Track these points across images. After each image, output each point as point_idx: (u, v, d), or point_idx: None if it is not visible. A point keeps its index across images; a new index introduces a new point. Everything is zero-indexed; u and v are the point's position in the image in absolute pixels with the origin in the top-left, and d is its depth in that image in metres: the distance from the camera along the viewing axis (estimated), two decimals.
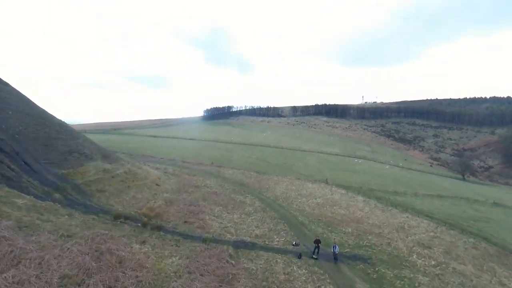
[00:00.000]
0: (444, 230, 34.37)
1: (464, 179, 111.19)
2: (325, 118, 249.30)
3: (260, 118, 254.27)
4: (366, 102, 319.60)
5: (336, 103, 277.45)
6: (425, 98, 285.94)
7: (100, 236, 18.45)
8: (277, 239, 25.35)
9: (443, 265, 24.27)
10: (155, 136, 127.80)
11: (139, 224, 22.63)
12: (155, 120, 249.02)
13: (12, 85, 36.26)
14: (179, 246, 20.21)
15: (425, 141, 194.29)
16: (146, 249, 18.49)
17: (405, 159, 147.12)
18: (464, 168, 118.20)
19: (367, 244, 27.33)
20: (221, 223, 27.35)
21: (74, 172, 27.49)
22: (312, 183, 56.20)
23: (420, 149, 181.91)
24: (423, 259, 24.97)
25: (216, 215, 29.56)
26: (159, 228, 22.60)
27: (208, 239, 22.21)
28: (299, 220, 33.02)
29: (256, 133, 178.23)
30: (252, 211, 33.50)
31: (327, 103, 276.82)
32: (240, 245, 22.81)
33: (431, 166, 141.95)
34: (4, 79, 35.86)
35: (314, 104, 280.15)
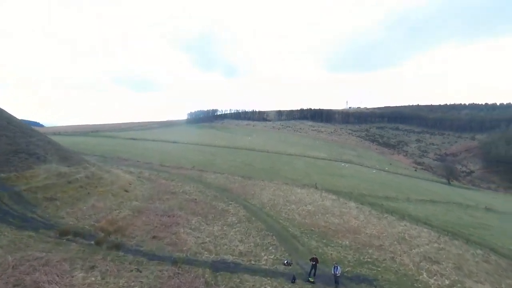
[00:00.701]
0: (448, 241, 31.25)
1: (449, 183, 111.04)
2: (310, 122, 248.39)
3: (245, 122, 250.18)
4: (350, 107, 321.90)
5: (321, 108, 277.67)
6: (407, 104, 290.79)
7: (30, 262, 13.75)
8: (265, 257, 21.16)
9: (459, 285, 20.83)
10: (135, 139, 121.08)
11: (92, 242, 17.95)
12: (138, 123, 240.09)
13: None
14: (140, 272, 15.70)
15: (409, 146, 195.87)
16: (93, 279, 13.90)
17: (390, 164, 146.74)
18: (449, 172, 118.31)
19: (368, 259, 23.60)
20: (198, 237, 22.92)
21: (17, 176, 22.38)
22: (301, 188, 52.48)
23: (404, 153, 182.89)
24: (434, 277, 21.46)
25: (193, 227, 25.09)
26: (117, 246, 17.98)
27: (180, 260, 17.80)
28: (289, 231, 28.99)
29: (241, 136, 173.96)
30: (236, 222, 29.20)
31: (312, 108, 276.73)
32: (220, 266, 18.49)
33: (415, 170, 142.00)
34: None
35: (299, 108, 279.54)
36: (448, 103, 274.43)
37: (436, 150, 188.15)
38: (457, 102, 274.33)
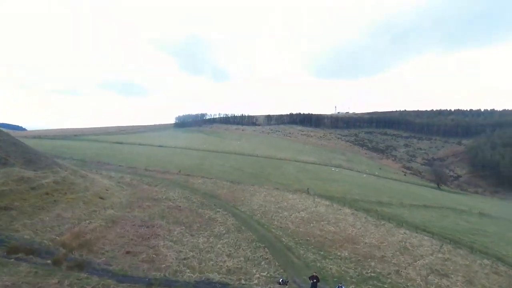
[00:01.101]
0: (452, 250, 29.25)
1: (439, 188, 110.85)
2: (299, 127, 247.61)
3: (235, 126, 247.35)
4: (339, 112, 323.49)
5: (310, 113, 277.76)
6: (395, 110, 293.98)
7: None
8: (257, 274, 18.41)
9: None
10: (121, 143, 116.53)
11: (49, 261, 14.86)
12: (124, 127, 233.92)
13: None
14: None
15: (397, 151, 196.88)
16: None
17: (380, 168, 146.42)
18: (438, 177, 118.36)
19: (372, 274, 21.17)
20: (180, 252, 20.01)
21: None
22: (292, 194, 50.04)
23: (393, 158, 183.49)
24: None
25: (174, 239, 22.15)
26: (80, 266, 14.93)
27: (156, 282, 14.90)
28: (283, 242, 26.36)
29: (230, 141, 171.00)
30: (224, 232, 26.38)
31: (302, 112, 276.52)
32: None
33: (405, 175, 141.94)
34: None
35: (288, 113, 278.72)
36: (434, 109, 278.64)
37: (424, 154, 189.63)
38: (443, 108, 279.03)
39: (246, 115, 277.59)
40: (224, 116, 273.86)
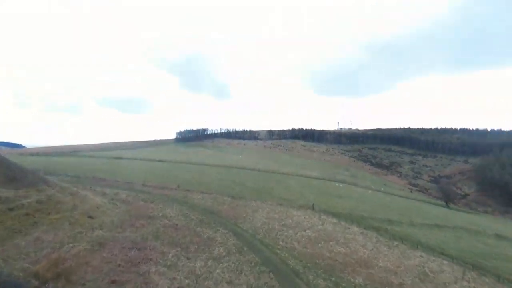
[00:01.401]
0: (477, 277, 26.46)
1: (448, 206, 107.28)
2: (302, 142, 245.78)
3: (236, 141, 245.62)
4: (342, 128, 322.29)
5: (313, 128, 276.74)
6: (399, 127, 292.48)
7: None
8: None
9: None
10: (119, 158, 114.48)
11: None
12: (124, 142, 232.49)
13: None
14: None
15: (402, 167, 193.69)
16: None
17: (385, 184, 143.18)
18: (447, 195, 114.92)
19: None
20: (174, 279, 17.53)
21: None
22: (297, 210, 47.45)
23: (398, 174, 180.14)
24: None
25: (168, 264, 19.67)
26: None
27: None
28: (289, 265, 23.74)
29: (232, 155, 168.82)
30: (224, 254, 23.84)
31: (304, 128, 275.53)
32: None
33: (411, 192, 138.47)
34: None
35: (290, 128, 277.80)
36: (439, 127, 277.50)
37: (430, 172, 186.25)
38: (448, 126, 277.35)
39: (248, 130, 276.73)
40: (226, 131, 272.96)
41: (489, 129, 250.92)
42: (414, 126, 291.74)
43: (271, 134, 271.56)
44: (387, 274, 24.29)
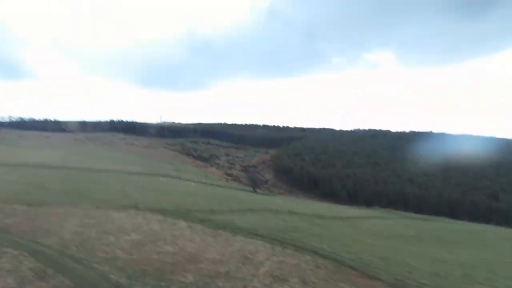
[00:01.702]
0: (282, 250, 31.92)
1: (255, 191, 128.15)
2: (122, 135, 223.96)
3: (35, 133, 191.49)
4: (164, 122, 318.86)
5: (134, 120, 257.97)
6: (216, 122, 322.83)
7: None
8: None
9: None
10: None
11: None
12: None
13: None
14: None
15: (219, 159, 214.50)
16: None
17: (206, 176, 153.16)
18: (254, 182, 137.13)
19: None
20: None
21: None
22: (119, 212, 41.18)
23: (216, 166, 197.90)
24: None
25: None
26: None
27: None
28: (111, 280, 19.69)
29: (28, 151, 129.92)
30: (15, 286, 16.85)
31: (124, 120, 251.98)
32: None
33: (227, 181, 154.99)
34: None
35: (109, 120, 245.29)
36: (247, 123, 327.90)
37: (241, 162, 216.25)
38: (253, 122, 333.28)
39: (52, 119, 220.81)
40: (18, 119, 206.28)
41: (281, 126, 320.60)
42: (229, 121, 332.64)
43: (84, 125, 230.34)
44: (215, 265, 24.97)
